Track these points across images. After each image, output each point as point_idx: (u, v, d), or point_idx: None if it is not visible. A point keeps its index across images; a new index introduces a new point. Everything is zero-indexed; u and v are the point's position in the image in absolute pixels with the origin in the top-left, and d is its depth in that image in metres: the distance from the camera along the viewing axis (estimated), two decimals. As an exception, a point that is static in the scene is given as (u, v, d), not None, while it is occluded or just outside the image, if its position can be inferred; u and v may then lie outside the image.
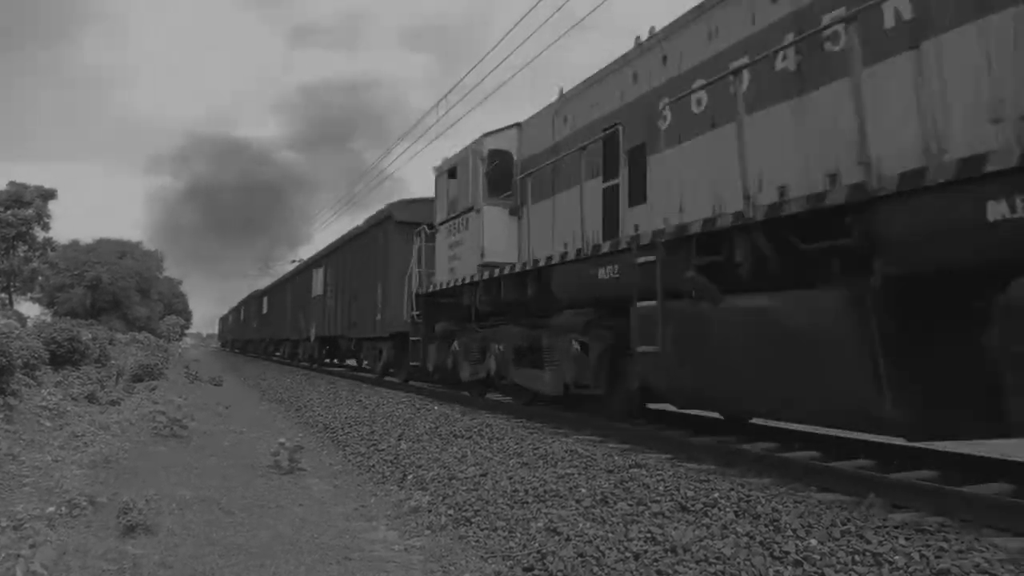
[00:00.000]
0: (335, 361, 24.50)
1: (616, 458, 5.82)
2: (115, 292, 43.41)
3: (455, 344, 10.90)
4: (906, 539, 3.49)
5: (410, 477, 6.04)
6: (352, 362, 23.09)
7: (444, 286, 11.02)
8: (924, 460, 5.52)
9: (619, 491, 4.71)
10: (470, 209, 10.04)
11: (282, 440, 7.03)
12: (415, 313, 12.06)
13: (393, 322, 13.89)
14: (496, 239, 9.46)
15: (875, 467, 5.42)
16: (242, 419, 11.02)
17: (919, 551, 3.30)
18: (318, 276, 22.53)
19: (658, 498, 4.48)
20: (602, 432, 7.41)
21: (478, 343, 10.20)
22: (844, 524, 3.75)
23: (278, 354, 32.37)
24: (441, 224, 11.33)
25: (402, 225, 14.25)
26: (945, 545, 3.37)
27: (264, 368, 26.91)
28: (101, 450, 6.95)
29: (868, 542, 3.47)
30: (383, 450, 7.33)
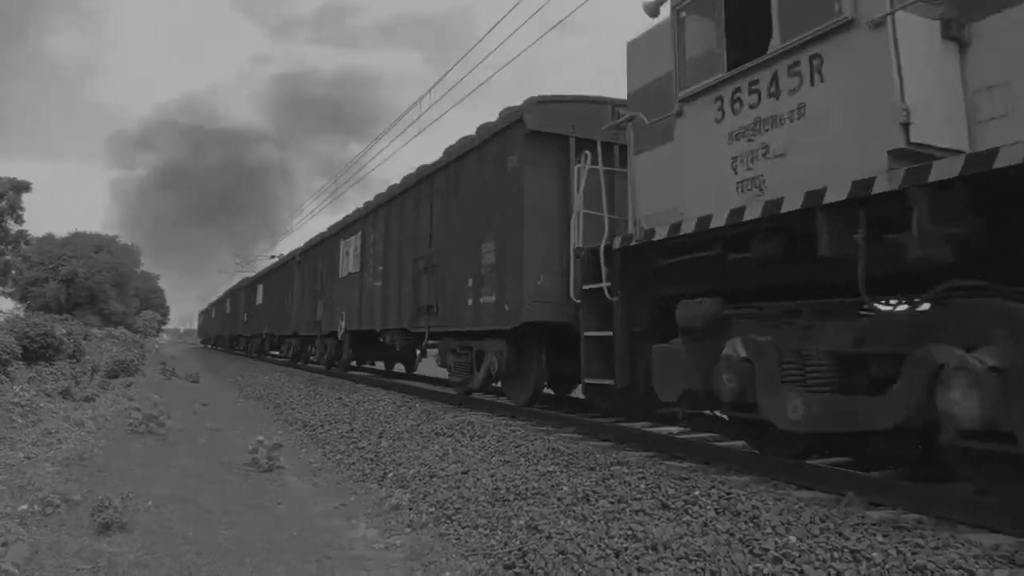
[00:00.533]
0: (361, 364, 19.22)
1: (598, 456, 5.83)
2: (91, 287, 42.80)
3: (734, 346, 5.12)
4: (884, 536, 3.53)
5: (391, 475, 6.00)
6: (380, 364, 19.01)
7: (714, 224, 5.24)
8: (902, 458, 5.58)
9: (601, 488, 4.72)
10: (839, 22, 4.37)
11: (260, 437, 6.96)
12: (600, 285, 6.60)
13: (525, 306, 8.08)
14: (926, 88, 4.10)
15: (853, 465, 5.48)
16: (220, 416, 10.90)
17: (896, 547, 3.34)
18: (350, 248, 16.13)
19: (639, 495, 4.49)
20: (584, 430, 7.42)
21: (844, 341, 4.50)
22: (823, 521, 3.78)
23: (275, 353, 27.61)
24: (690, 98, 5.62)
25: (544, 139, 8.36)
26: (921, 542, 3.42)
27: (249, 367, 26.59)
28: (75, 447, 6.84)
29: (846, 539, 3.51)
30: (363, 448, 7.29)
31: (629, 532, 3.82)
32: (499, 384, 9.52)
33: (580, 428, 7.50)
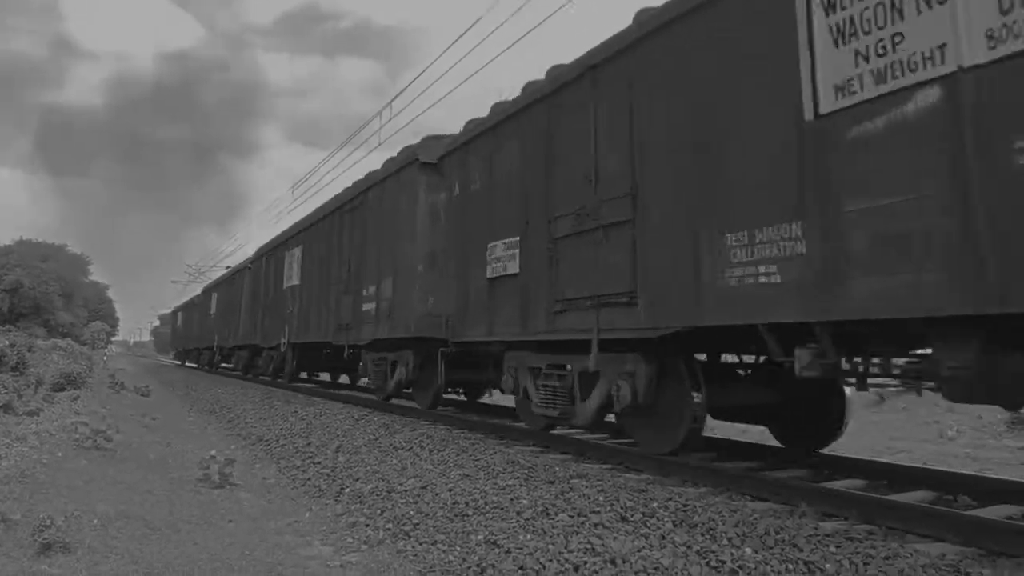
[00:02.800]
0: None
1: (557, 469, 5.83)
2: (36, 297, 41.37)
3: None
4: (836, 547, 3.59)
5: (347, 491, 5.90)
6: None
7: None
8: (853, 469, 5.71)
9: (560, 502, 4.72)
10: None
11: (213, 452, 6.78)
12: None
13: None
14: None
15: (808, 476, 5.59)
16: (171, 430, 10.59)
17: (848, 558, 3.40)
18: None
19: (598, 508, 4.50)
20: (544, 443, 7.41)
21: None
22: (778, 533, 3.84)
23: (227, 365, 27.56)
24: None
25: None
26: (872, 552, 3.49)
27: (201, 380, 25.97)
28: (16, 463, 6.55)
29: (800, 550, 3.56)
30: (320, 463, 7.15)
31: (588, 546, 3.82)
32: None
33: (540, 441, 7.49)
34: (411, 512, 4.90)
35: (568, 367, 6.81)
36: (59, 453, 7.37)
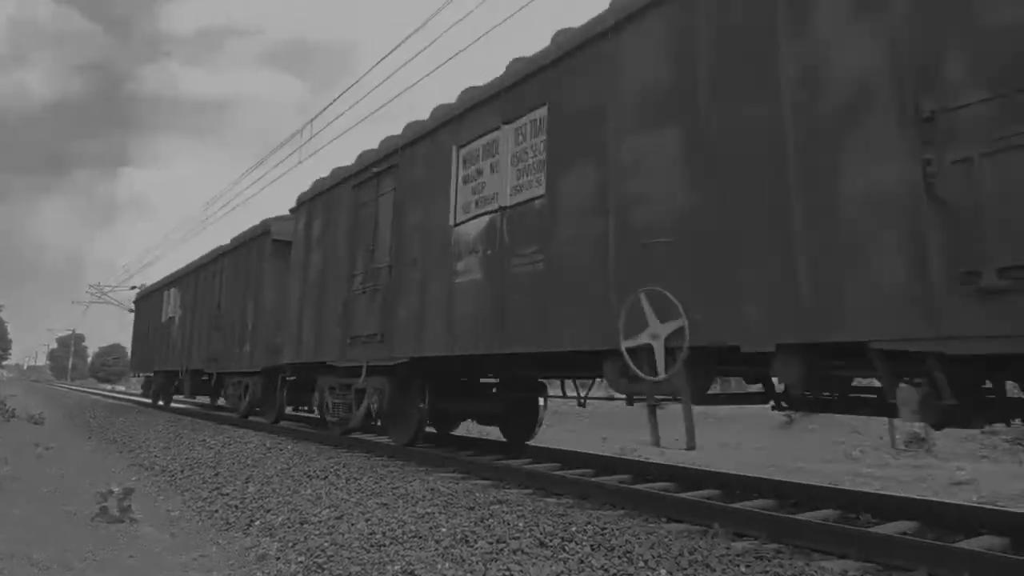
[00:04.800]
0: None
1: (478, 495, 5.77)
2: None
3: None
4: (747, 566, 3.69)
5: (257, 522, 5.66)
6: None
7: None
8: (764, 490, 5.91)
9: (480, 528, 4.66)
10: None
11: (112, 485, 6.37)
12: None
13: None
14: None
15: (721, 497, 5.74)
16: (68, 461, 9.90)
17: (758, 577, 3.50)
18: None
19: (518, 534, 4.47)
20: (465, 469, 7.34)
21: None
22: (691, 554, 3.91)
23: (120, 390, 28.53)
24: None
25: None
26: (780, 571, 3.60)
27: (98, 407, 24.45)
28: None
29: (713, 570, 3.64)
30: (228, 494, 6.83)
31: (507, 573, 3.78)
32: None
33: (461, 467, 7.42)
34: (325, 543, 4.73)
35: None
36: (-65, 489, 6.78)
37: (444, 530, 4.68)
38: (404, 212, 8.33)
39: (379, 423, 9.09)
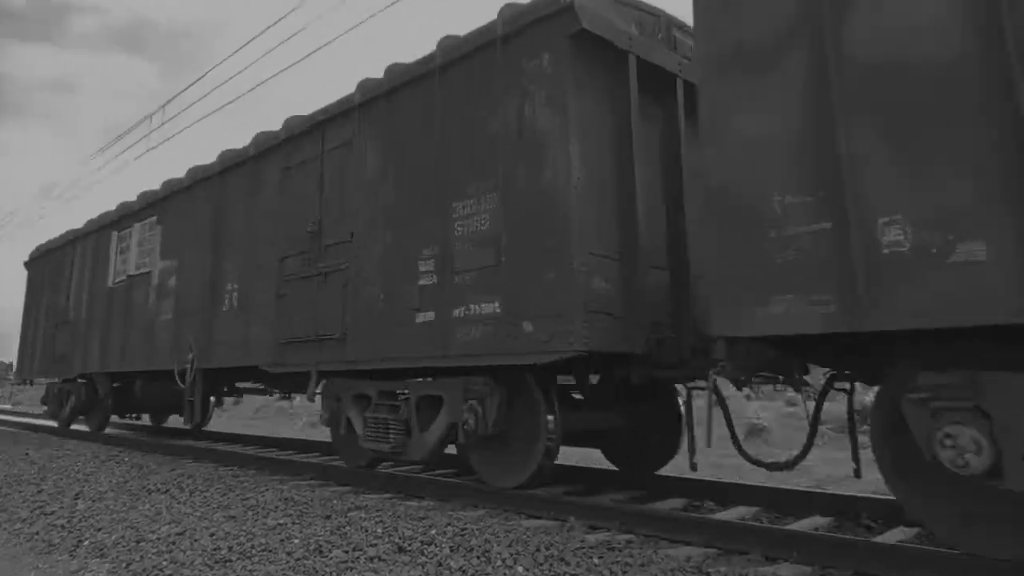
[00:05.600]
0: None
1: (335, 502, 5.58)
2: None
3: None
4: (599, 558, 3.80)
5: (86, 543, 5.13)
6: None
7: None
8: (622, 483, 6.13)
9: (335, 537, 4.50)
10: None
11: (-95, 511, 5.55)
12: None
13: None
14: None
15: (578, 491, 5.90)
16: None
17: (609, 568, 3.61)
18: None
19: (375, 541, 4.35)
20: (323, 476, 7.07)
21: None
22: (548, 549, 3.98)
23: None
24: None
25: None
26: (630, 560, 3.74)
27: None
28: None
29: (567, 563, 3.71)
30: (52, 513, 6.16)
31: (362, 581, 3.67)
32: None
33: (319, 474, 7.15)
34: (163, 562, 4.37)
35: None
36: None
37: (297, 541, 4.47)
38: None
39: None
